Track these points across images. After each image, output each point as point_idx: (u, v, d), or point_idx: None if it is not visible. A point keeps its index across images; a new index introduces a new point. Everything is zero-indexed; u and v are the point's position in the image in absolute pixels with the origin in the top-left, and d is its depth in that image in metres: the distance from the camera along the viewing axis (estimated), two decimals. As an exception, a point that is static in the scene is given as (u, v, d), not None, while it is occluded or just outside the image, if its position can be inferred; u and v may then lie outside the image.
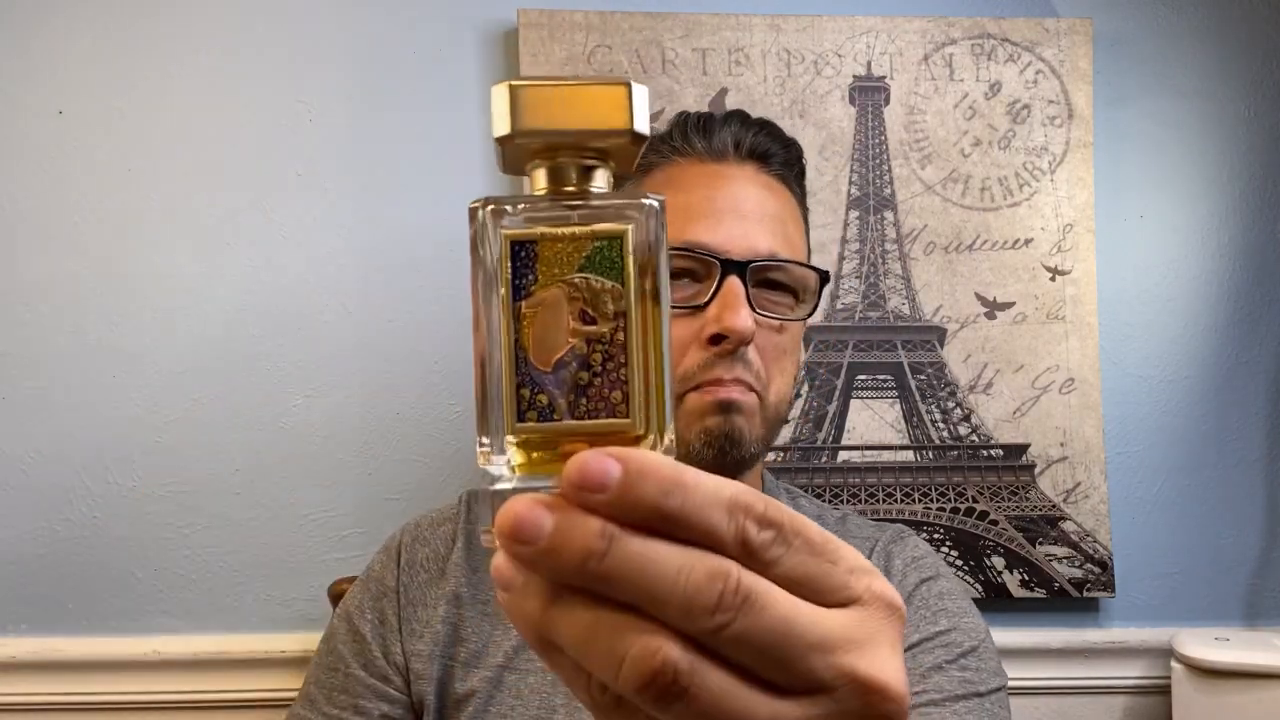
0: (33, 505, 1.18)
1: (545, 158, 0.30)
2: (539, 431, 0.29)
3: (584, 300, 0.29)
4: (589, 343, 0.29)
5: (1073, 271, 1.25)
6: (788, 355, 0.80)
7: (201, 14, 1.22)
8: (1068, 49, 1.26)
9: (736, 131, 0.82)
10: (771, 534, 0.27)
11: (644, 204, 0.29)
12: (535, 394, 0.29)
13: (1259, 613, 1.28)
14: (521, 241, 0.29)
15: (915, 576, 0.81)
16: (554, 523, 0.26)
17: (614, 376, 0.29)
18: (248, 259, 1.21)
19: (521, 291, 0.29)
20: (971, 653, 0.75)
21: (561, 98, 0.29)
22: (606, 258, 0.29)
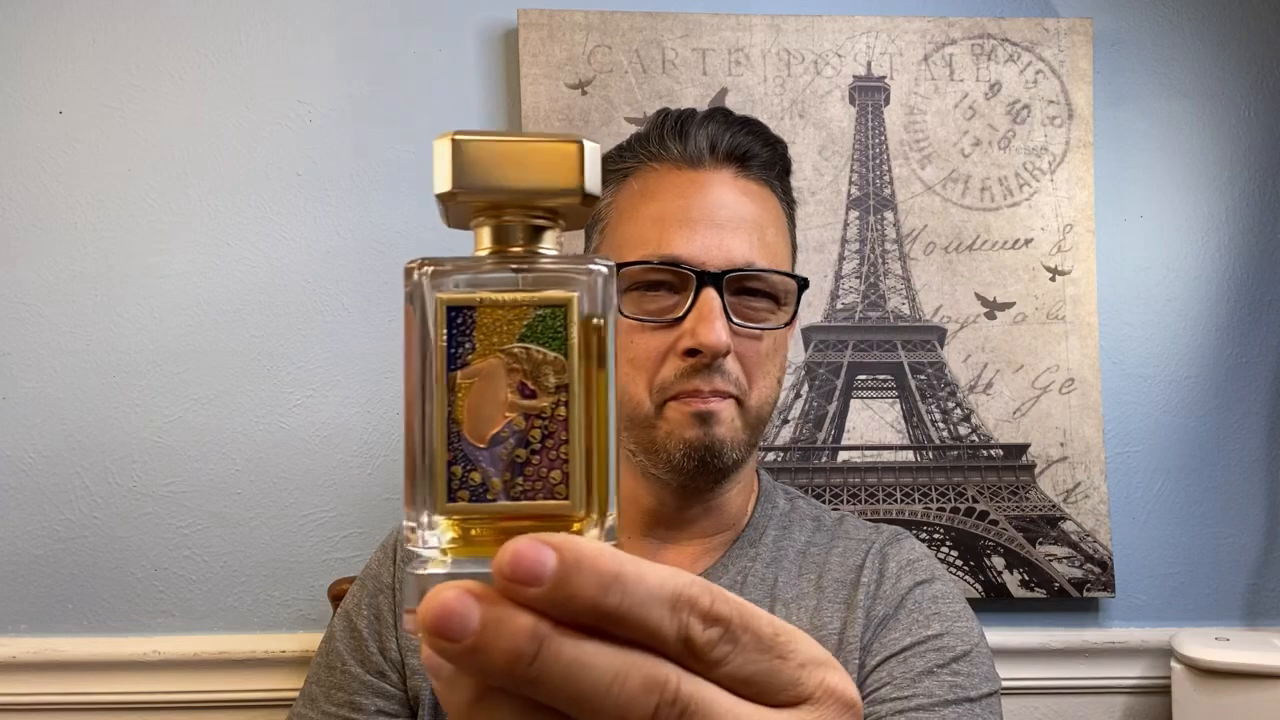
0: (33, 505, 1.18)
1: (490, 216, 0.28)
2: (471, 513, 0.27)
3: (524, 372, 0.27)
4: (528, 418, 0.27)
5: (1073, 271, 1.25)
6: (770, 360, 0.79)
7: (201, 14, 1.22)
8: (1068, 49, 1.26)
9: (713, 133, 0.80)
10: (718, 631, 0.25)
11: (591, 270, 0.27)
12: (468, 472, 0.27)
13: (1259, 613, 1.28)
14: (458, 307, 0.27)
15: (909, 579, 0.80)
16: (481, 618, 0.23)
17: (553, 455, 0.27)
18: (248, 259, 1.21)
19: (457, 360, 0.27)
20: (964, 658, 0.75)
21: (508, 154, 0.27)
22: (549, 327, 0.27)
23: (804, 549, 0.85)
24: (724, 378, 0.75)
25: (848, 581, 0.80)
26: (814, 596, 0.80)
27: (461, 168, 0.27)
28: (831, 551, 0.83)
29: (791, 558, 0.84)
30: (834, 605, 0.79)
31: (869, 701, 0.74)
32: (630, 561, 0.24)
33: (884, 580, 0.80)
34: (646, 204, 0.79)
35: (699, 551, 0.84)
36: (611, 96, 1.22)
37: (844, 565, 0.82)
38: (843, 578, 0.81)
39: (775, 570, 0.82)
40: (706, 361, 0.74)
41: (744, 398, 0.77)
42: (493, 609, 0.23)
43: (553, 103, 1.21)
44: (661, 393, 0.76)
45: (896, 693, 0.73)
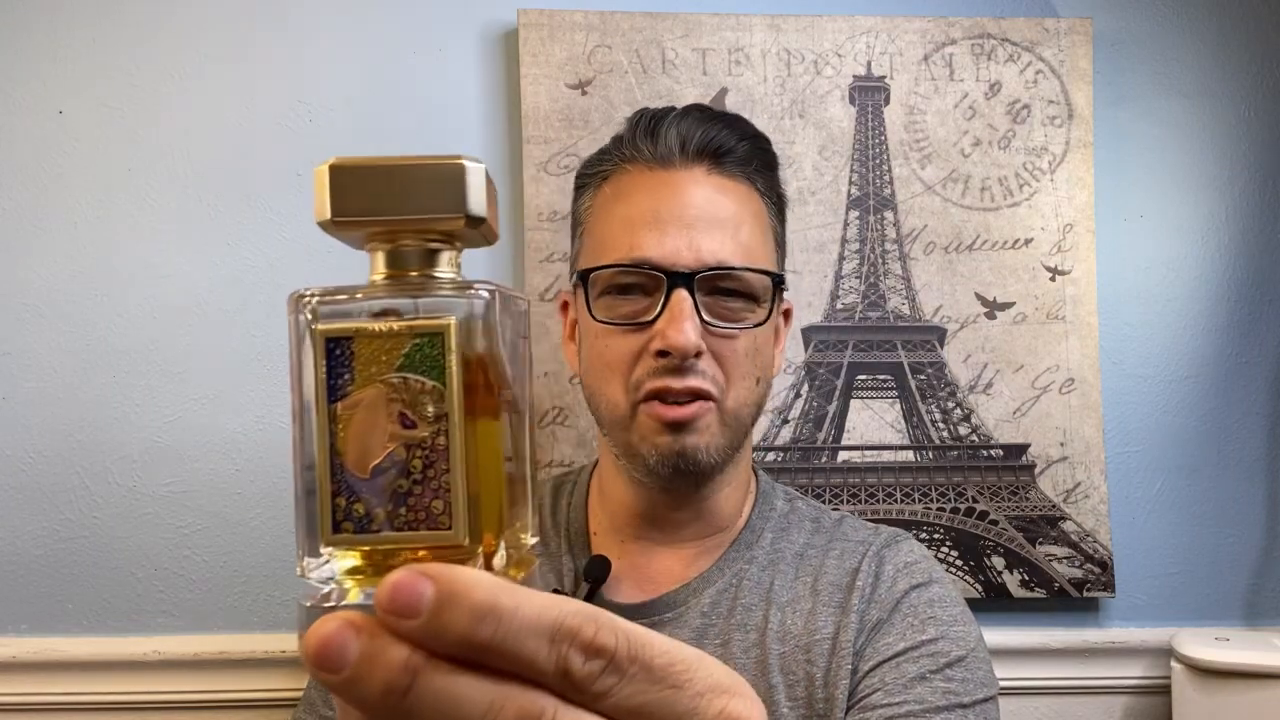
0: (33, 505, 1.18)
1: (382, 240, 0.27)
2: (355, 543, 0.26)
3: (403, 402, 0.26)
4: (409, 448, 0.26)
5: (1073, 271, 1.25)
6: (749, 360, 0.78)
7: (202, 14, 1.22)
8: (1068, 49, 1.26)
9: (685, 130, 0.79)
10: (600, 663, 0.25)
11: (472, 294, 0.27)
12: (352, 503, 0.27)
13: (1259, 613, 1.28)
14: (336, 338, 0.27)
15: (906, 582, 0.80)
16: (358, 651, 0.23)
17: (435, 485, 0.26)
18: (248, 259, 1.21)
19: (337, 392, 0.27)
20: (958, 663, 0.74)
21: (388, 177, 0.27)
22: (427, 355, 0.26)
23: (801, 551, 0.84)
24: (699, 377, 0.74)
25: (843, 585, 0.80)
26: (809, 600, 0.80)
27: (341, 194, 0.26)
28: (828, 554, 0.83)
29: (789, 560, 0.83)
30: (828, 609, 0.79)
31: (860, 707, 0.73)
32: (508, 592, 0.24)
33: (879, 584, 0.80)
34: (618, 206, 0.79)
35: (693, 554, 0.83)
36: (611, 96, 1.22)
37: (840, 568, 0.81)
38: (838, 581, 0.80)
39: (771, 574, 0.82)
40: (676, 362, 0.73)
41: (721, 399, 0.77)
42: (371, 641, 0.24)
43: (553, 103, 1.21)
44: (635, 392, 0.76)
45: (888, 699, 0.72)
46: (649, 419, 0.75)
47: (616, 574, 0.81)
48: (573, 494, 0.90)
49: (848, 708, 0.74)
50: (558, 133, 1.21)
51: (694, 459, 0.76)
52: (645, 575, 0.82)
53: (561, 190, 1.19)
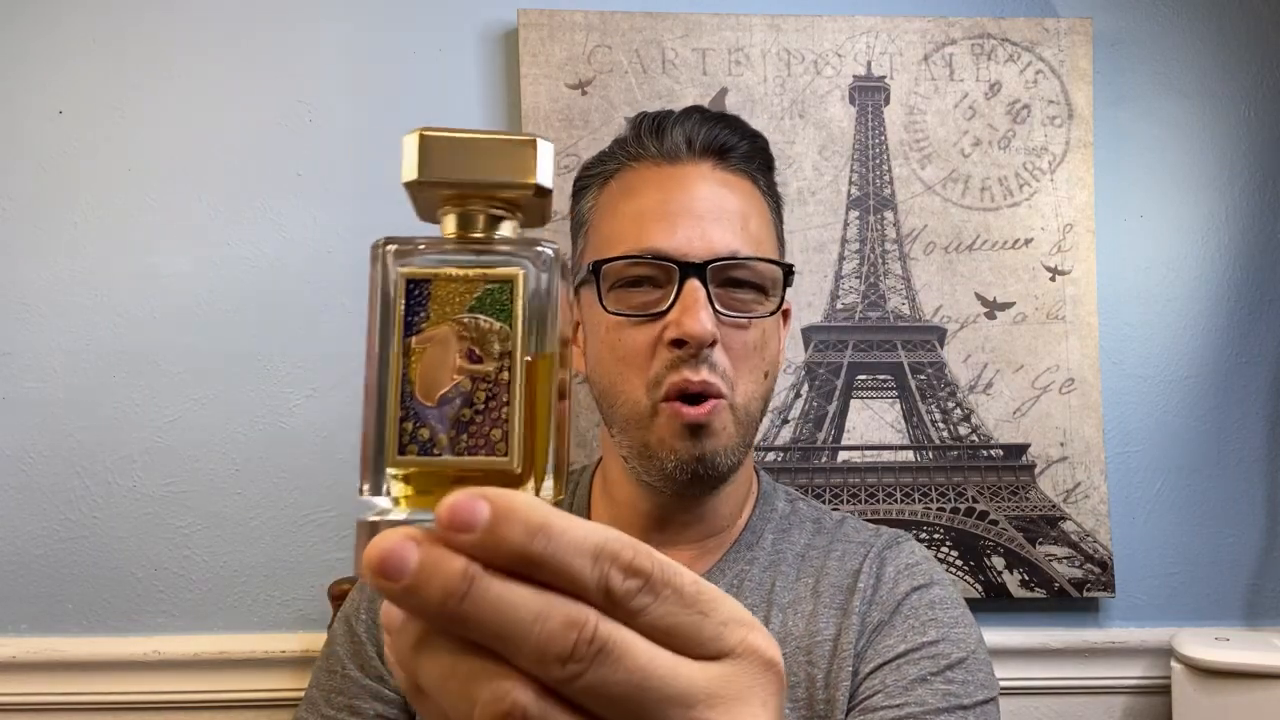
0: (33, 505, 1.18)
1: (455, 205, 0.30)
2: (418, 465, 0.29)
3: (472, 339, 0.29)
4: (474, 380, 0.29)
5: (1073, 271, 1.25)
6: (757, 352, 0.78)
7: (201, 14, 1.22)
8: (1068, 49, 1.26)
9: (689, 129, 0.80)
10: (637, 583, 0.27)
11: (539, 251, 0.30)
12: (418, 427, 0.29)
13: (1259, 613, 1.28)
14: (416, 280, 0.29)
15: (907, 584, 0.80)
16: (418, 560, 0.25)
17: (495, 415, 0.29)
18: (248, 259, 1.21)
19: (413, 328, 0.29)
20: (959, 665, 0.74)
21: (469, 148, 0.30)
22: (497, 300, 0.29)
23: (803, 552, 0.84)
24: (711, 369, 0.74)
25: (844, 587, 0.80)
26: (810, 601, 0.79)
27: (426, 160, 0.30)
28: (830, 555, 0.83)
29: (790, 561, 0.83)
30: (829, 611, 0.79)
31: (860, 709, 0.73)
32: (559, 516, 0.26)
33: (880, 585, 0.79)
34: (627, 201, 0.79)
35: (695, 555, 0.83)
36: (611, 96, 1.22)
37: (841, 570, 0.81)
38: (839, 583, 0.80)
39: (773, 574, 0.82)
40: (693, 352, 0.74)
41: (731, 395, 0.77)
42: (430, 551, 0.26)
43: (553, 103, 1.21)
44: (655, 388, 0.76)
45: (888, 701, 0.72)
46: (670, 422, 0.75)
47: None
48: (574, 494, 0.90)
49: (848, 710, 0.74)
50: (558, 133, 1.21)
51: (713, 463, 0.76)
52: None
53: (561, 190, 1.19)
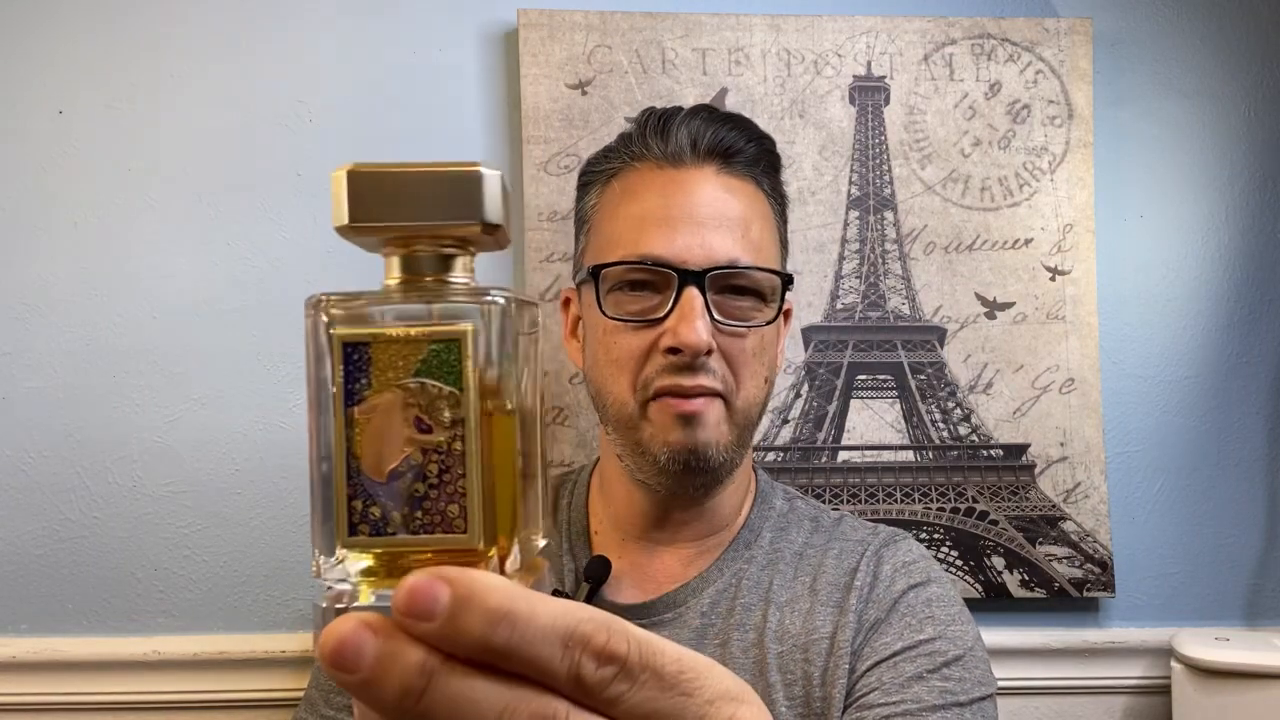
0: (33, 505, 1.18)
1: (397, 245, 0.28)
2: (371, 546, 0.27)
3: (420, 407, 0.27)
4: (425, 452, 0.27)
5: (1073, 271, 1.25)
6: (756, 358, 0.78)
7: (201, 14, 1.22)
8: (1068, 49, 1.26)
9: (695, 130, 0.79)
10: (612, 670, 0.25)
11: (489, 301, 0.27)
12: (368, 506, 0.27)
13: (1259, 613, 1.28)
14: (354, 343, 0.27)
15: (904, 582, 0.80)
16: (374, 652, 0.24)
17: (451, 489, 0.27)
18: (248, 259, 1.21)
19: (354, 396, 0.27)
20: (955, 662, 0.74)
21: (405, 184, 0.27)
22: (444, 361, 0.27)
23: (801, 550, 0.84)
24: (709, 375, 0.75)
25: (841, 584, 0.80)
26: (807, 599, 0.80)
27: (359, 201, 0.27)
28: (827, 553, 0.83)
29: (788, 560, 0.83)
30: (826, 608, 0.79)
31: (856, 707, 0.73)
32: (524, 598, 0.24)
33: (877, 583, 0.80)
34: (628, 204, 0.79)
35: (693, 554, 0.83)
36: (611, 96, 1.22)
37: (839, 568, 0.81)
38: (836, 580, 0.80)
39: (770, 573, 0.82)
40: (688, 360, 0.74)
41: (730, 397, 0.77)
42: (386, 643, 0.24)
43: (553, 103, 1.21)
44: (644, 390, 0.76)
45: (884, 698, 0.72)
46: (662, 415, 0.75)
47: (617, 573, 0.81)
48: (573, 493, 0.90)
49: (845, 707, 0.74)
50: (558, 133, 1.21)
51: (704, 456, 0.76)
52: (645, 575, 0.82)
53: (561, 190, 1.19)
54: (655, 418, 0.75)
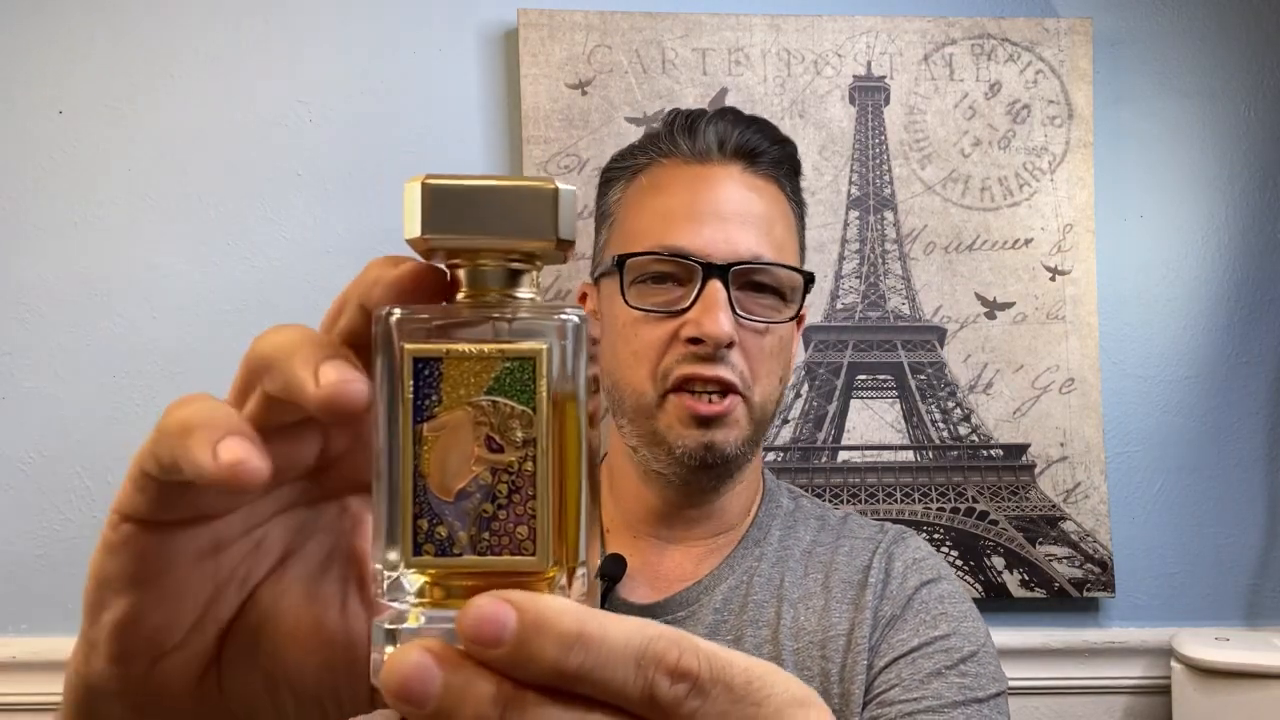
0: (33, 505, 1.18)
1: (465, 259, 0.28)
2: (436, 567, 0.26)
3: (491, 426, 0.26)
4: (494, 472, 0.26)
5: (1073, 271, 1.25)
6: (774, 357, 0.79)
7: (201, 14, 1.22)
8: (1068, 49, 1.26)
9: (722, 130, 0.80)
10: (685, 687, 0.24)
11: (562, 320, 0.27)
12: (434, 525, 0.26)
13: (1259, 613, 1.28)
14: (425, 359, 0.26)
15: (916, 579, 0.80)
16: (442, 684, 0.23)
17: (520, 510, 0.26)
18: (248, 259, 1.21)
19: (424, 413, 0.26)
20: (971, 658, 0.75)
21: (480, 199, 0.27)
22: (517, 380, 0.26)
23: (809, 548, 0.84)
24: (728, 368, 0.75)
25: (855, 581, 0.80)
26: (821, 596, 0.80)
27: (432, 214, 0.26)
28: (838, 551, 0.83)
29: (797, 557, 0.83)
30: (842, 605, 0.79)
31: (877, 703, 0.74)
32: (594, 619, 0.24)
33: (890, 579, 0.80)
34: (654, 198, 0.80)
35: (704, 552, 0.83)
36: (611, 96, 1.22)
37: (850, 565, 0.82)
38: (849, 578, 0.81)
39: (781, 570, 0.82)
40: (709, 350, 0.74)
41: (748, 393, 0.77)
42: (455, 674, 0.23)
43: (553, 103, 1.21)
44: (663, 380, 0.76)
45: (905, 694, 0.73)
46: (679, 409, 0.76)
47: (629, 572, 0.81)
48: None
49: (864, 703, 0.75)
50: (558, 133, 1.21)
51: (721, 452, 0.77)
52: (657, 573, 0.82)
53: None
54: (671, 410, 0.76)
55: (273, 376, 0.27)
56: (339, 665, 0.30)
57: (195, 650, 0.30)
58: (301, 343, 0.27)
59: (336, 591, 0.31)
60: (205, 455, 0.25)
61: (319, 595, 0.31)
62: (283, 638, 0.30)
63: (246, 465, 0.25)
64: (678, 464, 0.78)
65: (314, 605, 0.30)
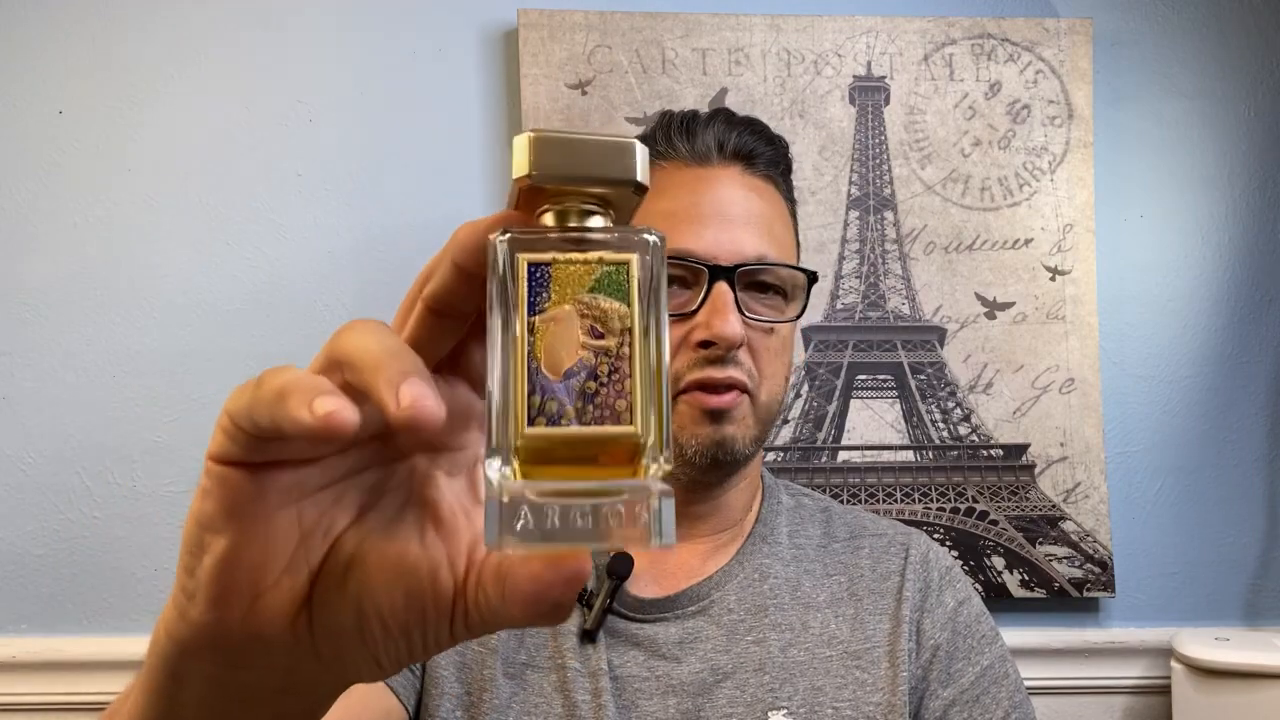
0: (33, 505, 1.18)
1: (554, 202, 0.33)
2: (547, 437, 0.30)
3: (594, 318, 0.31)
4: (597, 355, 0.31)
5: (1073, 271, 1.25)
6: (779, 356, 0.80)
7: (201, 14, 1.22)
8: (1068, 49, 1.26)
9: (720, 132, 0.81)
10: None
11: (646, 238, 0.32)
12: (546, 400, 0.30)
13: (1259, 613, 1.28)
14: (538, 264, 0.31)
15: (951, 596, 0.83)
16: None
17: (619, 387, 0.31)
18: (248, 259, 1.21)
19: (536, 308, 0.31)
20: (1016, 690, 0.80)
21: (578, 148, 0.32)
22: (614, 281, 0.31)
23: (823, 543, 0.85)
24: (738, 368, 0.76)
25: (886, 591, 0.81)
26: (850, 604, 0.81)
27: (539, 157, 0.31)
28: (859, 553, 0.84)
29: (812, 556, 0.84)
30: (876, 616, 0.80)
31: None
32: None
33: (928, 593, 0.82)
34: (656, 201, 0.80)
35: (710, 548, 0.84)
36: (611, 96, 1.22)
37: (876, 571, 0.82)
38: (877, 586, 0.82)
39: (798, 571, 0.82)
40: (721, 353, 0.75)
41: (756, 391, 0.78)
42: None
43: (553, 103, 1.21)
44: (674, 385, 0.76)
45: None
46: (691, 409, 0.76)
47: (635, 570, 0.81)
48: None
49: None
50: (558, 133, 1.21)
51: (731, 449, 0.77)
52: (663, 570, 0.83)
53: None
54: (684, 411, 0.77)
55: (355, 380, 0.30)
56: (424, 593, 0.33)
57: (288, 590, 0.32)
58: (384, 357, 0.30)
59: (415, 530, 0.34)
60: (303, 412, 0.28)
61: (399, 533, 0.33)
62: (370, 571, 0.32)
63: (340, 415, 0.28)
64: (688, 464, 0.78)
65: (395, 542, 0.33)
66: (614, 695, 0.74)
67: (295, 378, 0.29)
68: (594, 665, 0.75)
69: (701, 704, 0.74)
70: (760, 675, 0.76)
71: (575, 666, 0.75)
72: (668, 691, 0.75)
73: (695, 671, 0.76)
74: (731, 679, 0.75)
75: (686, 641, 0.77)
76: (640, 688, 0.75)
